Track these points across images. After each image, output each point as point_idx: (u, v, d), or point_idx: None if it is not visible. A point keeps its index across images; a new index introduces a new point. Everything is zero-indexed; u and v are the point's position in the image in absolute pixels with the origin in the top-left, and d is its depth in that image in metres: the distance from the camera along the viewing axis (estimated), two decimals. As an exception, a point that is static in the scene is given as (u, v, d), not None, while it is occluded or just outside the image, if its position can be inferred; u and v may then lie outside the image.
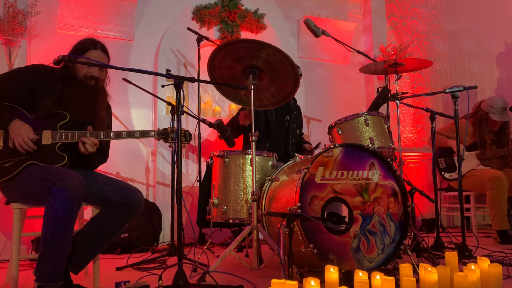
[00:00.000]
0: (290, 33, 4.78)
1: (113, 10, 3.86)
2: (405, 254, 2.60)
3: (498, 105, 3.75)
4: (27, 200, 2.04)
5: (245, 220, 2.55)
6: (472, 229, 3.91)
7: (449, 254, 2.01)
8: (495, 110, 3.75)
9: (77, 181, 1.86)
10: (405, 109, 5.16)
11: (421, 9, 5.51)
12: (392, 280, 1.60)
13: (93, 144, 2.06)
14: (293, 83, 2.59)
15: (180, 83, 1.99)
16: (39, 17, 3.60)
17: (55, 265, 1.80)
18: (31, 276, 2.11)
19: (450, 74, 5.57)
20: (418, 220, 4.62)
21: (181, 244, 1.92)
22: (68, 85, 2.10)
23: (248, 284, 2.14)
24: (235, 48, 2.47)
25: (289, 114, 3.54)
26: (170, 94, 4.05)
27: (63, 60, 1.93)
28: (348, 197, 2.26)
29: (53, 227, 1.78)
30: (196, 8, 4.23)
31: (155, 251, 3.26)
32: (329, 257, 2.14)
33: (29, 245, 3.27)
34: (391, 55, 4.86)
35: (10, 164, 1.98)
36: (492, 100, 3.80)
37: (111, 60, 2.29)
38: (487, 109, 3.79)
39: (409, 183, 2.93)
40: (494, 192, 3.53)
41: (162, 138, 2.24)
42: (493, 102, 3.77)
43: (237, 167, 2.62)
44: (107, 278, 2.39)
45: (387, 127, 2.77)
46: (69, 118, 2.08)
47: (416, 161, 5.08)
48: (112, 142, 3.46)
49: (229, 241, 3.60)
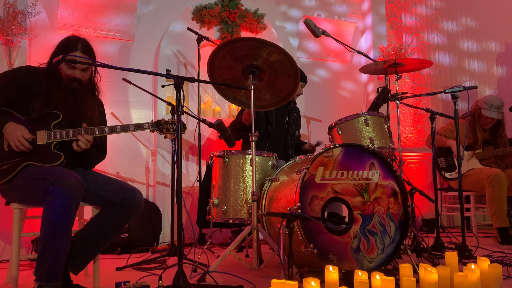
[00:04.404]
0: (290, 33, 4.78)
1: (113, 10, 3.86)
2: (405, 254, 2.60)
3: (491, 102, 3.80)
4: (26, 200, 2.04)
5: (245, 220, 2.55)
6: (472, 229, 3.91)
7: (449, 254, 2.01)
8: (488, 107, 3.82)
9: (74, 180, 1.86)
10: (405, 109, 5.16)
11: (421, 9, 5.51)
12: (392, 280, 1.60)
13: (86, 141, 2.05)
14: (293, 83, 2.59)
15: (180, 83, 1.99)
16: (39, 17, 3.60)
17: (54, 265, 1.80)
18: (31, 276, 2.11)
19: (450, 74, 5.57)
20: (418, 220, 4.62)
21: (181, 244, 1.92)
22: (54, 85, 2.09)
23: (248, 284, 2.14)
24: (235, 47, 2.47)
25: (288, 115, 3.55)
26: (170, 94, 4.05)
27: (63, 60, 1.93)
28: (348, 197, 2.26)
29: (51, 226, 1.78)
30: (196, 8, 4.23)
31: (155, 251, 3.26)
32: (329, 257, 2.14)
33: (29, 245, 3.27)
34: (391, 55, 4.85)
35: (7, 167, 1.98)
36: (487, 97, 3.88)
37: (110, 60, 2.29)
38: (481, 105, 3.87)
39: (409, 183, 2.93)
40: (493, 189, 3.54)
41: (157, 130, 2.24)
42: (487, 99, 3.85)
43: (237, 167, 2.62)
44: (107, 278, 2.39)
45: (387, 127, 2.77)
46: (62, 117, 2.08)
47: (416, 161, 5.08)
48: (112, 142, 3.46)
49: (229, 241, 3.60)
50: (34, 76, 2.10)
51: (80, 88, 2.14)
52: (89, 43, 2.15)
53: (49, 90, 2.08)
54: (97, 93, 2.30)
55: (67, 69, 2.09)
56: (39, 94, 2.06)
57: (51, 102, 2.07)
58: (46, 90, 2.07)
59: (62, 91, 2.10)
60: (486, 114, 3.81)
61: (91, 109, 2.19)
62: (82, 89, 2.15)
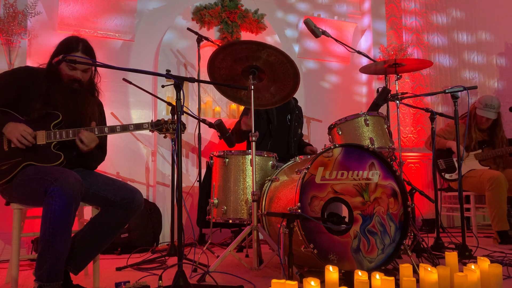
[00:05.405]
0: (290, 34, 4.78)
1: (113, 10, 3.86)
2: (405, 254, 2.60)
3: (486, 102, 3.82)
4: (26, 200, 2.04)
5: (245, 220, 2.55)
6: (472, 229, 3.91)
7: (449, 254, 2.01)
8: (482, 106, 3.83)
9: (74, 179, 1.86)
10: (405, 109, 5.16)
11: (421, 9, 5.51)
12: (392, 280, 1.60)
13: (92, 139, 2.06)
14: (293, 83, 2.59)
15: (180, 84, 1.99)
16: (39, 17, 3.60)
17: (54, 265, 1.80)
18: (31, 276, 2.11)
19: (450, 75, 5.57)
20: (418, 220, 4.62)
21: (181, 244, 1.92)
22: (54, 85, 2.09)
23: (248, 284, 2.14)
24: (235, 49, 2.47)
25: (290, 113, 3.54)
26: (170, 94, 4.05)
27: (63, 60, 1.93)
28: (348, 197, 2.26)
29: (51, 226, 1.78)
30: (196, 8, 4.23)
31: (155, 251, 3.26)
32: (329, 257, 2.14)
33: (29, 245, 3.27)
34: (391, 55, 4.86)
35: (7, 167, 1.98)
36: (483, 97, 3.89)
37: (110, 60, 2.29)
38: (476, 105, 3.90)
39: (409, 183, 2.93)
40: (494, 192, 3.54)
41: (157, 130, 2.24)
42: (483, 99, 3.86)
43: (237, 167, 2.62)
44: (107, 278, 2.39)
45: (387, 127, 2.77)
46: (61, 117, 2.08)
47: (416, 161, 5.08)
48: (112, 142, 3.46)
49: (229, 241, 3.60)
50: (34, 76, 2.10)
51: (81, 88, 2.15)
52: (89, 44, 2.16)
53: (49, 90, 2.08)
54: (96, 93, 2.29)
55: (68, 69, 2.09)
56: (39, 94, 2.06)
57: (51, 102, 2.07)
58: (46, 90, 2.07)
59: (62, 91, 2.10)
60: (481, 113, 3.82)
61: (91, 109, 2.19)
62: (82, 90, 2.15)
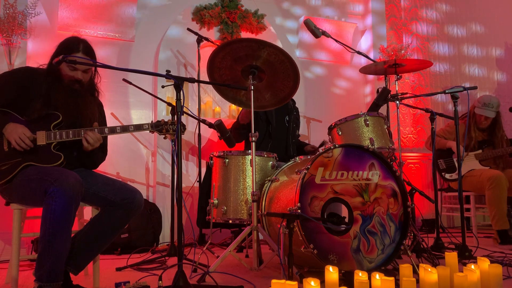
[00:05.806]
0: (290, 34, 4.78)
1: (113, 10, 3.86)
2: (405, 255, 2.60)
3: (484, 101, 3.82)
4: (26, 201, 2.04)
5: (245, 221, 2.55)
6: (472, 229, 3.91)
7: (449, 255, 2.01)
8: (481, 105, 3.84)
9: (74, 180, 1.86)
10: (405, 109, 5.16)
11: (421, 9, 5.51)
12: (392, 280, 1.60)
13: (97, 139, 2.07)
14: (293, 83, 2.59)
15: (180, 84, 1.99)
16: (39, 17, 3.60)
17: (54, 265, 1.80)
18: (31, 277, 2.11)
19: (450, 75, 5.57)
20: (418, 221, 4.62)
21: (181, 245, 1.92)
22: (54, 85, 2.09)
23: (248, 284, 2.14)
24: (235, 48, 2.47)
25: (288, 115, 3.55)
26: (170, 95, 4.05)
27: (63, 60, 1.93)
28: (348, 198, 2.26)
29: (51, 226, 1.78)
30: (196, 8, 4.23)
31: (155, 251, 3.26)
32: (329, 258, 2.14)
33: (29, 245, 3.27)
34: (391, 55, 4.86)
35: (7, 167, 1.98)
36: (482, 96, 3.90)
37: (111, 60, 2.29)
38: (475, 104, 3.90)
39: (409, 183, 2.93)
40: (494, 192, 3.54)
41: (157, 130, 2.24)
42: (482, 98, 3.87)
43: (237, 167, 2.62)
44: (107, 278, 2.39)
45: (387, 127, 2.77)
46: (62, 118, 2.08)
47: (416, 161, 5.08)
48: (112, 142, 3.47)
49: (229, 241, 3.60)
50: (34, 76, 2.11)
51: (81, 89, 2.15)
52: (90, 44, 2.16)
53: (49, 91, 2.08)
54: (97, 94, 2.30)
55: (69, 70, 2.09)
56: (39, 94, 2.06)
57: (51, 103, 2.07)
58: (46, 90, 2.07)
59: (62, 92, 2.10)
60: (479, 112, 3.83)
61: (91, 110, 2.19)
62: (82, 90, 2.16)
